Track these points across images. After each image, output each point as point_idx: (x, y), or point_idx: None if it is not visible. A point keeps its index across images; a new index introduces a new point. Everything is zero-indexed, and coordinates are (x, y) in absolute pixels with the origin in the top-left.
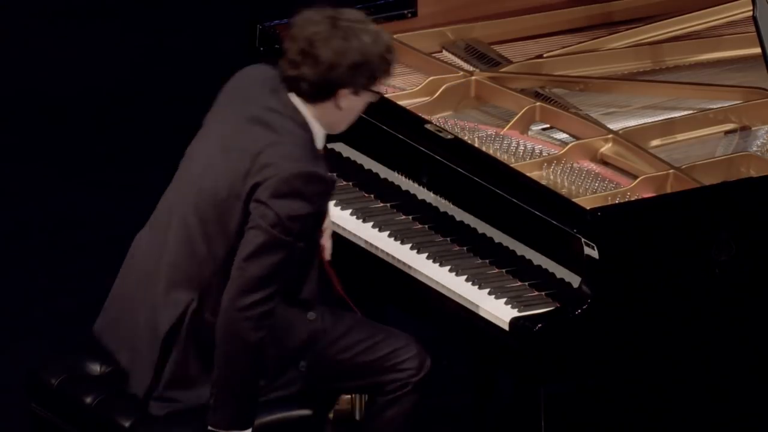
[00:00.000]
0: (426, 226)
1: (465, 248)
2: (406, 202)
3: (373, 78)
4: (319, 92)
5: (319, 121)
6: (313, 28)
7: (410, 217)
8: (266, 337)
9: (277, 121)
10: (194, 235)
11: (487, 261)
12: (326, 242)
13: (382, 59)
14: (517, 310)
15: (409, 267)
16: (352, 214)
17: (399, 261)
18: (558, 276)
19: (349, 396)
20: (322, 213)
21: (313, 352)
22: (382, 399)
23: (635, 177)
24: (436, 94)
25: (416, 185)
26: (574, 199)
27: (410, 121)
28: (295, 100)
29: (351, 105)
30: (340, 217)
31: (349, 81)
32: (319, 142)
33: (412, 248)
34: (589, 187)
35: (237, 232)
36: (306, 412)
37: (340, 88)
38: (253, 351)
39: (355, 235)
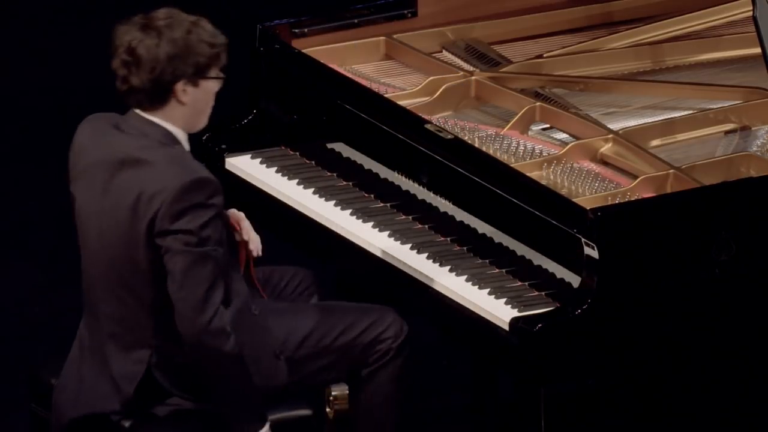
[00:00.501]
0: (426, 226)
1: (465, 248)
2: (406, 202)
3: (200, 66)
4: (155, 95)
5: (175, 125)
6: (127, 37)
7: (410, 217)
8: (238, 338)
9: (139, 152)
10: (123, 298)
11: (487, 261)
12: (251, 234)
13: (202, 44)
14: (517, 310)
15: (410, 267)
16: (352, 214)
17: (399, 261)
18: (558, 276)
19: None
20: (223, 213)
21: (292, 346)
22: (367, 370)
23: (635, 177)
24: (436, 94)
25: (416, 185)
26: (574, 199)
27: (410, 121)
28: (145, 115)
29: (195, 97)
30: (339, 217)
31: (175, 74)
32: (185, 145)
33: (412, 248)
34: (589, 187)
35: (157, 273)
36: (306, 411)
37: (173, 84)
38: (235, 357)
39: (354, 235)
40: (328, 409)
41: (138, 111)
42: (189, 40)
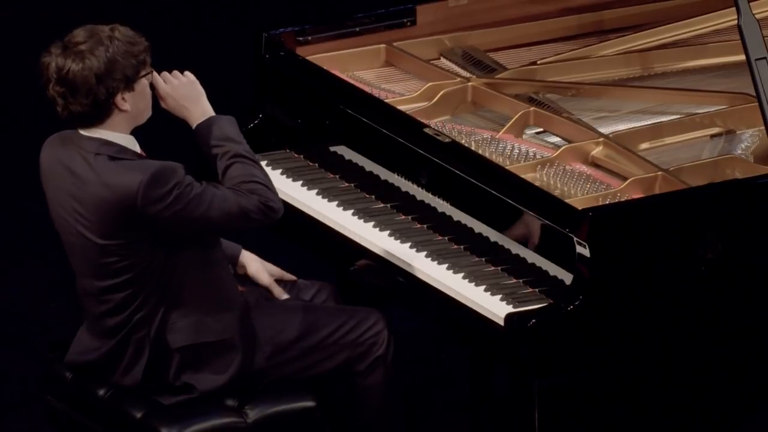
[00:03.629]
0: (425, 225)
1: (462, 247)
2: (406, 203)
3: (128, 76)
4: (98, 114)
5: (120, 131)
6: (53, 65)
7: (410, 217)
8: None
9: (82, 169)
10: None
11: (484, 259)
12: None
13: (126, 55)
14: (511, 306)
15: (409, 265)
16: (353, 214)
17: (399, 259)
18: (551, 274)
19: None
20: (187, 175)
21: (278, 346)
22: (354, 371)
23: (625, 178)
24: (435, 99)
25: (415, 186)
26: (566, 200)
27: (409, 125)
28: (87, 133)
29: (134, 101)
30: (341, 217)
31: (109, 91)
32: (135, 146)
33: (411, 247)
34: (581, 188)
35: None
36: (309, 403)
37: (111, 99)
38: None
39: (356, 234)
40: None
41: (81, 130)
42: (112, 57)
